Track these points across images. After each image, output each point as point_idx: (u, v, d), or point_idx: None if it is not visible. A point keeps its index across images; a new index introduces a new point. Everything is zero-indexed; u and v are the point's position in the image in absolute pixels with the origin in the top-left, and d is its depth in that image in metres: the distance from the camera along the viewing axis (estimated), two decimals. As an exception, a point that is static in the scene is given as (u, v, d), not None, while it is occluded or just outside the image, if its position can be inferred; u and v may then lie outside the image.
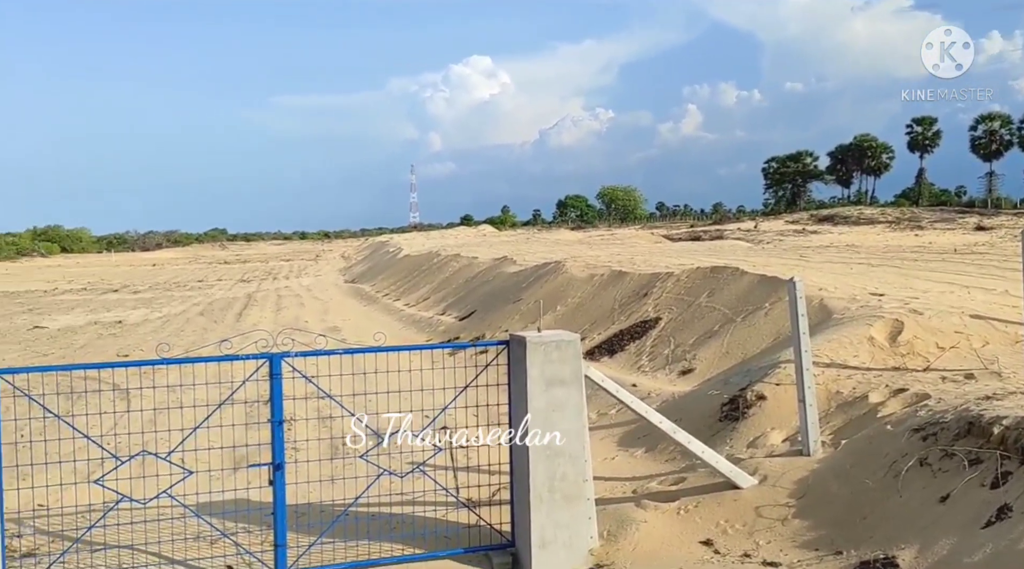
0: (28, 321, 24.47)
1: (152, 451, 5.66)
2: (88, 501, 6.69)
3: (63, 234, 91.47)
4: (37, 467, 7.26)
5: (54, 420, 6.86)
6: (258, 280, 44.04)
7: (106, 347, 18.48)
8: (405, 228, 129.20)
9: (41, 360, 16.53)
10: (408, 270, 35.30)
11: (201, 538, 6.07)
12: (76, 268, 61.51)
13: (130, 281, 44.78)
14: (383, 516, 6.42)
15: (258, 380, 5.80)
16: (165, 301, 31.26)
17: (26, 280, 46.27)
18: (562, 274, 17.84)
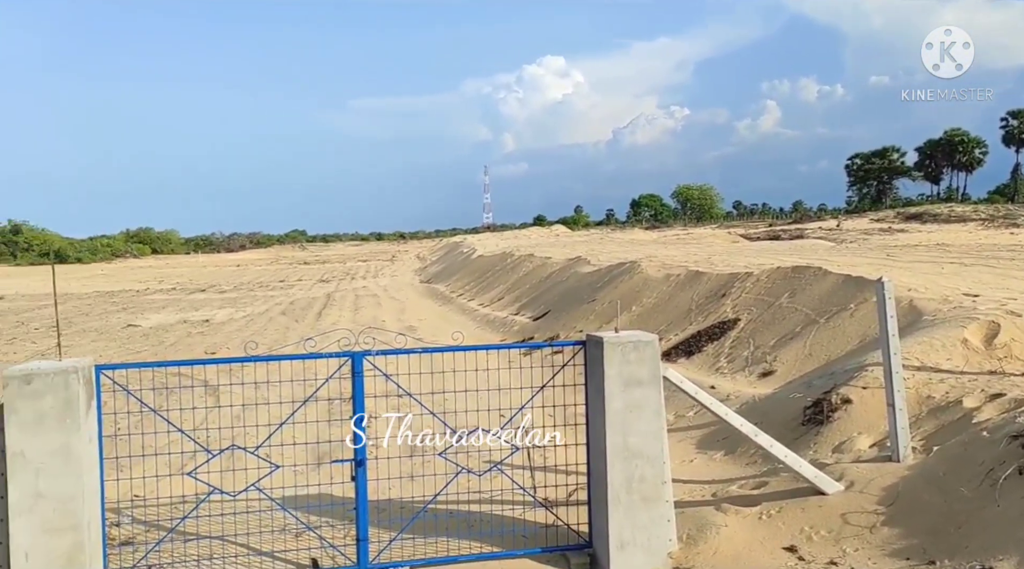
0: (123, 319, 25.65)
1: (241, 445, 5.85)
2: (180, 493, 6.98)
3: (154, 236, 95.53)
4: (134, 459, 7.61)
5: (147, 414, 7.19)
6: (336, 280, 45.08)
7: (195, 345, 19.22)
8: (478, 229, 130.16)
9: (135, 357, 17.32)
10: (482, 270, 35.55)
11: (287, 531, 6.25)
12: (166, 269, 64.20)
13: (216, 281, 46.45)
14: (461, 513, 6.48)
15: (340, 378, 5.93)
16: (249, 301, 32.31)
17: (120, 280, 48.53)
18: (637, 274, 17.67)
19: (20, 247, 72.88)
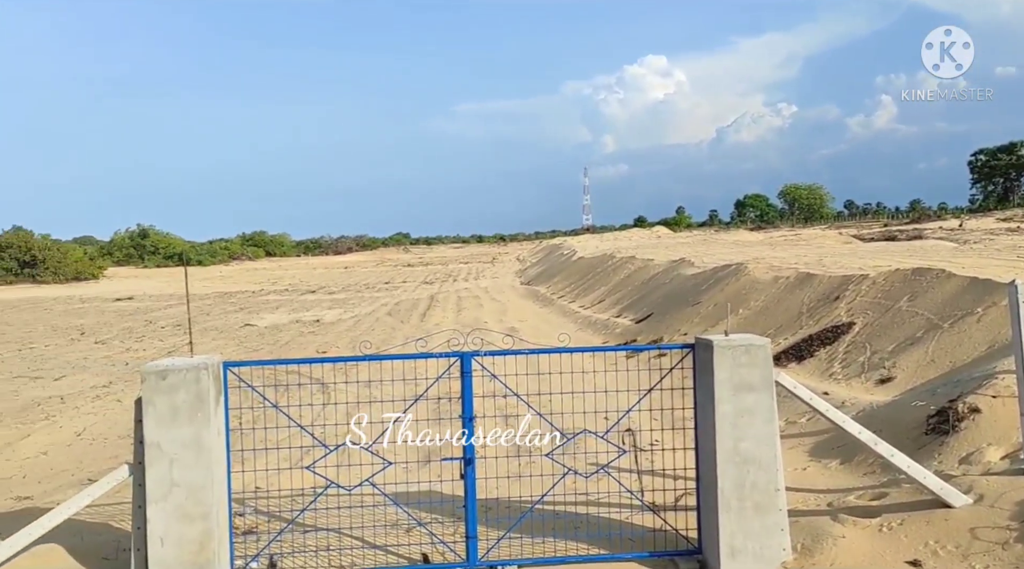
0: (240, 319, 26.96)
1: (355, 442, 6.05)
2: (299, 486, 7.28)
3: (267, 239, 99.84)
4: (256, 453, 7.99)
5: (266, 410, 7.53)
6: (439, 282, 45.93)
7: (307, 344, 20.01)
8: (578, 230, 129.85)
9: (252, 355, 18.17)
10: (582, 272, 35.46)
11: (398, 526, 6.43)
12: (278, 270, 67.03)
13: (325, 283, 48.16)
14: (568, 515, 6.50)
15: (449, 378, 6.05)
16: (356, 302, 33.34)
17: (237, 282, 50.98)
18: (744, 276, 17.23)
19: (147, 250, 77.56)
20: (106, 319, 28.92)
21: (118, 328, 25.54)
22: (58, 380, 15.55)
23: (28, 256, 56.06)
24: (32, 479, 8.68)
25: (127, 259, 75.63)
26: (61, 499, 7.43)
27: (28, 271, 55.45)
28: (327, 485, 5.88)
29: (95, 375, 16.04)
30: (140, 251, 77.56)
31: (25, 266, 55.71)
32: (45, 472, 8.97)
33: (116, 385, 14.77)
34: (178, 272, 67.14)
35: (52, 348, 20.79)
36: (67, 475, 8.75)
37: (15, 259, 55.73)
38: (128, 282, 54.71)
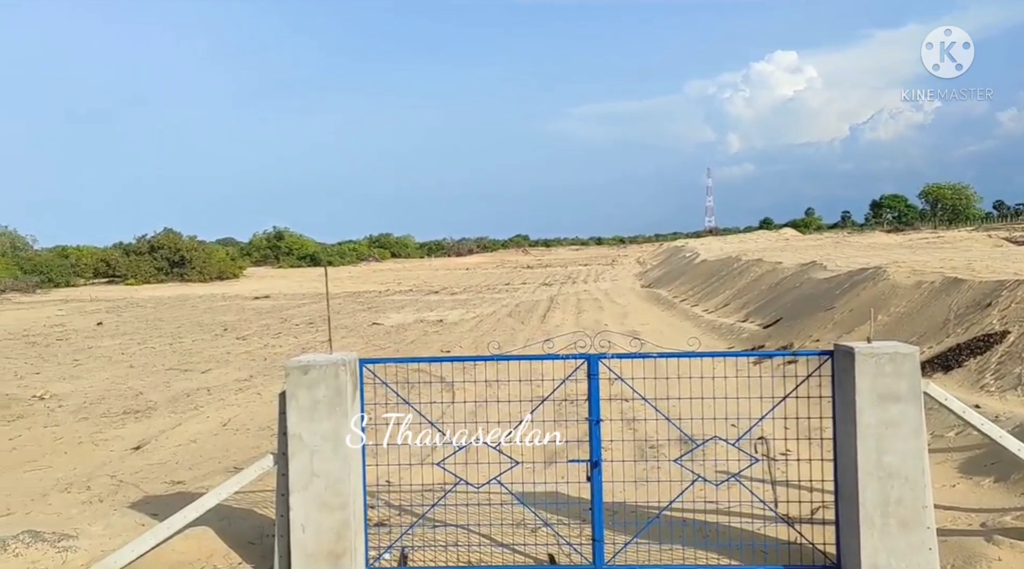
0: (367, 318, 27.93)
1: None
2: (425, 481, 7.47)
3: (392, 241, 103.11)
4: (386, 447, 8.25)
5: (394, 407, 7.77)
6: (558, 284, 46.02)
7: (431, 343, 20.51)
8: (700, 232, 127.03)
9: (380, 352, 18.78)
10: (706, 275, 34.64)
11: (523, 525, 6.48)
12: (403, 271, 69.06)
13: (447, 284, 49.22)
14: (696, 523, 6.36)
15: (576, 380, 6.05)
16: (477, 303, 33.89)
17: (365, 282, 52.87)
18: (882, 280, 16.34)
19: (282, 251, 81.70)
20: (246, 316, 30.63)
21: (257, 325, 27.00)
22: (204, 373, 16.60)
23: (177, 256, 60.20)
24: (184, 465, 9.30)
25: (264, 259, 79.93)
26: (210, 485, 7.93)
27: (177, 270, 59.55)
28: (456, 482, 6.00)
29: (237, 369, 17.02)
30: (276, 252, 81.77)
31: (174, 265, 59.86)
32: (195, 459, 9.59)
33: (256, 379, 15.62)
34: (310, 272, 70.37)
35: (198, 343, 22.21)
36: (214, 462, 9.32)
37: (166, 259, 59.97)
38: (265, 281, 57.78)
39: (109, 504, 7.62)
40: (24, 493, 8.28)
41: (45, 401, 13.83)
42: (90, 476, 8.88)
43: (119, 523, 6.82)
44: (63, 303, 40.10)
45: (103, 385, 15.34)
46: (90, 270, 61.12)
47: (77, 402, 13.68)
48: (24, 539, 6.16)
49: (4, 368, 17.99)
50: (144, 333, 25.15)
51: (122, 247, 64.07)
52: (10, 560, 5.92)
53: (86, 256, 63.87)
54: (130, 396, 14.13)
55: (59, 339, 24.02)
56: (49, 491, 8.32)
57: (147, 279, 57.85)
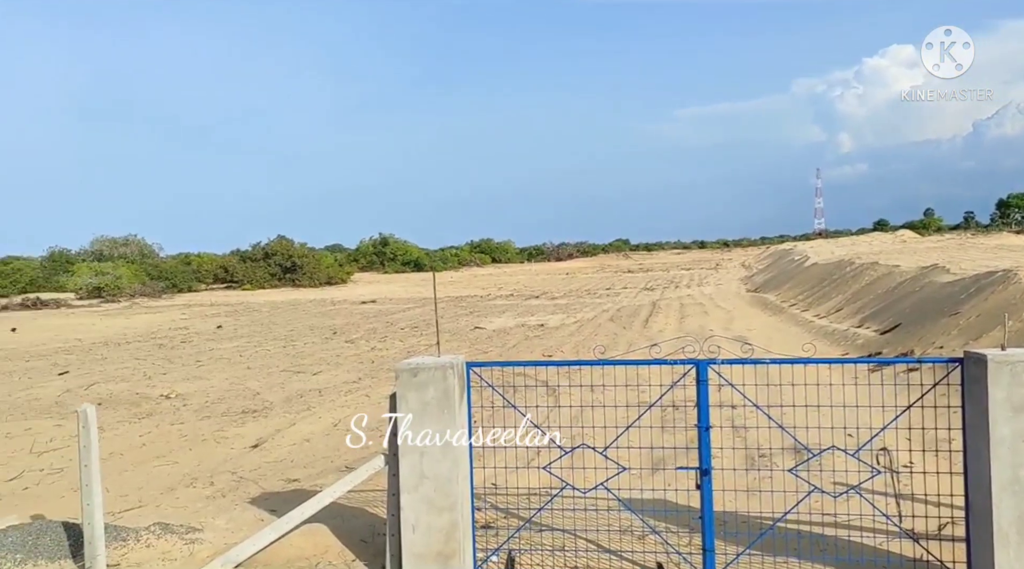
0: (469, 323, 28.29)
1: (590, 445, 6.10)
2: (530, 484, 7.50)
3: (493, 246, 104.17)
4: (489, 450, 8.33)
5: (499, 410, 7.85)
6: (660, 288, 45.35)
7: (533, 347, 20.57)
8: (809, 235, 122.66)
9: (482, 356, 18.98)
10: (816, 279, 33.38)
11: (631, 532, 6.40)
12: (503, 276, 69.64)
13: (548, 288, 49.31)
14: (812, 535, 6.12)
15: (686, 385, 5.93)
16: (578, 307, 33.79)
17: (467, 287, 53.61)
18: (1013, 284, 15.31)
19: (387, 257, 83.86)
20: (353, 320, 31.58)
21: (364, 329, 27.78)
22: (316, 375, 17.20)
23: (289, 262, 62.71)
24: (298, 463, 9.65)
25: (370, 265, 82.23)
26: (323, 483, 8.20)
27: (289, 276, 62.03)
28: (563, 486, 5.98)
29: (346, 371, 17.55)
30: (381, 258, 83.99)
31: (287, 271, 62.38)
32: (309, 458, 9.94)
33: (364, 381, 16.07)
34: (414, 277, 71.95)
35: (310, 346, 23.04)
36: (327, 462, 9.63)
37: (279, 265, 62.58)
38: (371, 286, 59.44)
39: (231, 499, 7.99)
40: (154, 487, 8.79)
41: (171, 400, 14.65)
42: (213, 472, 9.34)
43: (240, 518, 7.14)
44: (186, 307, 42.43)
45: (223, 385, 16.11)
46: (210, 276, 64.45)
47: (200, 401, 14.43)
48: (155, 530, 6.54)
49: (135, 369, 19.18)
50: (260, 336, 26.29)
51: (239, 254, 67.25)
52: (142, 550, 6.29)
53: (206, 263, 67.40)
54: (248, 396, 14.79)
55: (183, 341, 25.41)
56: (176, 485, 8.80)
57: (261, 284, 60.52)
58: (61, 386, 16.73)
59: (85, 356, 22.17)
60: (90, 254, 67.75)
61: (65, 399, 15.12)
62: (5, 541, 6.10)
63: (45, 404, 14.61)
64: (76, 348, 24.35)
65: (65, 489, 8.78)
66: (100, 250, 68.50)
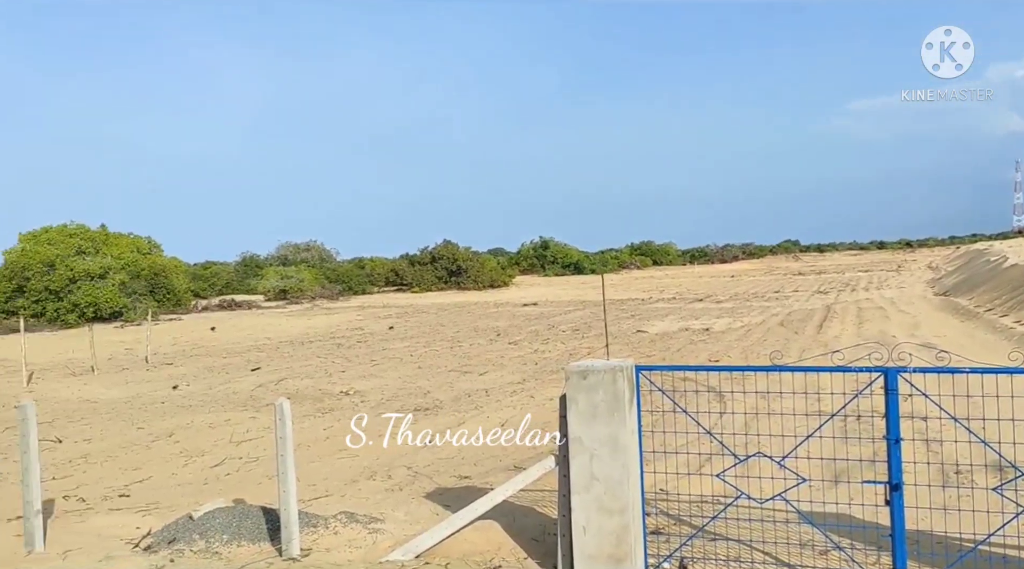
0: (631, 326, 28.04)
1: (766, 453, 5.88)
2: (701, 491, 7.33)
3: (654, 248, 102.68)
4: (657, 455, 8.22)
5: (665, 414, 7.71)
6: (835, 292, 42.94)
7: (697, 352, 20.10)
8: (1007, 233, 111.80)
9: (645, 360, 18.76)
10: (1017, 281, 30.38)
11: (811, 546, 6.11)
12: (665, 279, 68.47)
13: (712, 291, 47.97)
14: (1020, 561, 5.58)
15: (872, 394, 5.59)
16: (745, 311, 32.64)
17: (627, 290, 53.17)
18: None
19: (547, 260, 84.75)
20: (516, 322, 32.17)
21: (526, 331, 28.23)
22: (482, 375, 17.68)
23: (454, 266, 64.85)
24: (468, 461, 9.96)
25: (531, 268, 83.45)
26: (493, 481, 8.42)
27: (454, 279, 64.15)
28: (737, 495, 5.80)
29: (511, 372, 17.92)
30: (541, 261, 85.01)
31: (452, 275, 64.54)
32: (478, 456, 10.23)
33: (528, 382, 16.33)
34: (574, 280, 72.28)
35: (475, 347, 23.71)
36: (495, 460, 9.88)
37: (445, 268, 64.86)
38: (532, 289, 60.33)
39: (408, 493, 8.37)
40: (337, 478, 9.37)
41: (350, 396, 15.55)
42: (390, 466, 9.83)
43: (417, 511, 7.47)
44: (361, 309, 44.91)
45: (396, 383, 16.91)
46: (382, 279, 67.80)
47: (376, 398, 15.22)
48: (341, 519, 6.97)
49: (317, 366, 20.53)
50: (428, 337, 27.36)
51: (408, 258, 70.28)
52: (330, 536, 6.72)
53: (378, 266, 70.95)
54: (419, 394, 15.43)
55: (359, 341, 26.91)
56: (358, 477, 9.33)
57: (429, 287, 62.97)
58: (254, 381, 18.20)
59: (273, 354, 23.99)
60: (276, 259, 73.21)
61: (258, 393, 16.44)
62: (214, 522, 6.72)
63: (241, 398, 15.95)
64: (266, 346, 26.40)
65: (261, 476, 9.54)
66: (285, 255, 73.85)
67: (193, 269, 62.44)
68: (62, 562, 6.43)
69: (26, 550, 6.74)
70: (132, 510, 8.11)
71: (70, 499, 8.74)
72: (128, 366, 22.22)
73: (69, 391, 17.81)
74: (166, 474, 10.03)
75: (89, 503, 8.58)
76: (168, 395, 16.76)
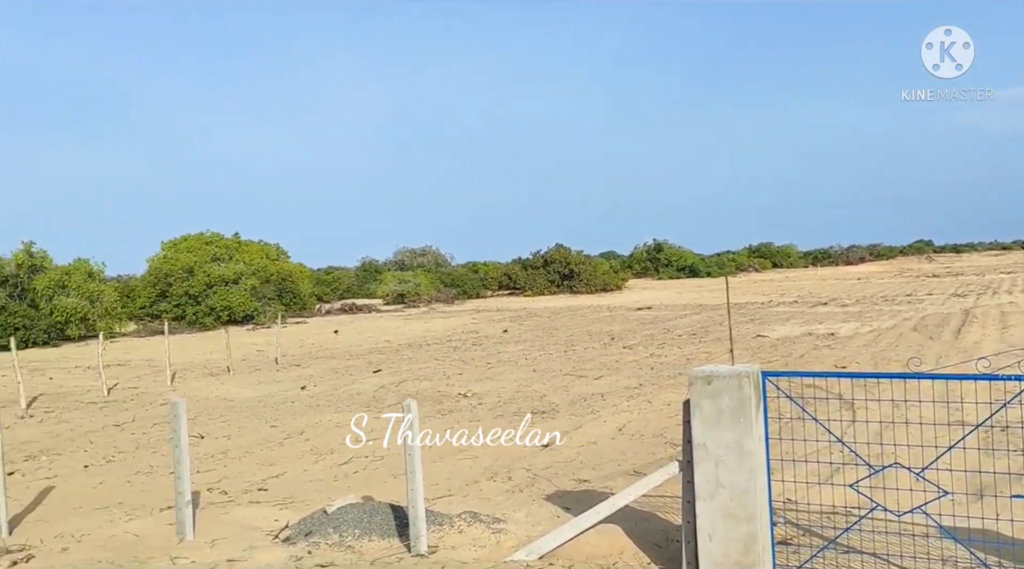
0: (750, 330, 27.27)
1: (904, 464, 5.63)
2: (832, 502, 7.07)
3: (773, 250, 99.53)
4: (783, 463, 7.98)
5: (788, 422, 7.48)
6: (974, 295, 40.33)
7: (822, 358, 19.34)
8: None
9: (766, 366, 18.21)
10: None
11: (952, 563, 5.79)
12: (785, 282, 66.16)
13: (837, 295, 46.00)
14: None
15: (1021, 404, 5.25)
16: (873, 315, 31.14)
17: (745, 293, 51.73)
18: None
19: (661, 263, 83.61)
20: (630, 326, 31.89)
21: (641, 335, 27.95)
22: (597, 379, 17.65)
23: (567, 269, 64.97)
24: (587, 465, 9.98)
25: (644, 271, 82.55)
26: (613, 485, 8.42)
27: (566, 283, 64.27)
28: (872, 506, 5.58)
29: (627, 377, 17.79)
30: (655, 264, 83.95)
31: (564, 278, 64.68)
32: (596, 460, 10.24)
33: (645, 387, 16.18)
34: (688, 283, 70.98)
35: (589, 351, 23.68)
36: (614, 465, 9.85)
37: (557, 272, 65.08)
38: (645, 292, 59.62)
39: (527, 494, 8.48)
40: (459, 478, 9.59)
41: (468, 398, 15.86)
42: (510, 468, 9.97)
43: (538, 513, 7.56)
44: (475, 312, 45.68)
45: (512, 387, 17.12)
46: (495, 283, 68.72)
47: (493, 401, 15.46)
48: (465, 518, 7.14)
49: (435, 368, 21.05)
50: (542, 340, 27.53)
51: (520, 262, 70.94)
52: (456, 535, 6.90)
53: (491, 271, 71.95)
54: (535, 398, 15.57)
55: (474, 344, 27.38)
56: (479, 478, 9.52)
57: (541, 291, 63.33)
58: (376, 383, 18.84)
59: (393, 356, 24.76)
60: (394, 264, 75.55)
61: (380, 394, 17.02)
62: (346, 517, 7.03)
63: (365, 399, 16.55)
64: (386, 349, 27.28)
65: (386, 475, 9.89)
66: (402, 260, 76.09)
67: (317, 274, 65.34)
68: (211, 550, 6.89)
69: (178, 538, 7.26)
70: (270, 503, 8.58)
71: (213, 492, 9.33)
72: (260, 367, 23.46)
73: (208, 390, 18.99)
74: (298, 470, 10.54)
75: (231, 496, 9.14)
76: (297, 395, 17.59)
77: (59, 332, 35.54)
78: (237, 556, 6.69)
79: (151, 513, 8.34)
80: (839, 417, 11.12)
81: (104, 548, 7.17)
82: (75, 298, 36.03)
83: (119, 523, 7.99)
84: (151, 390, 19.40)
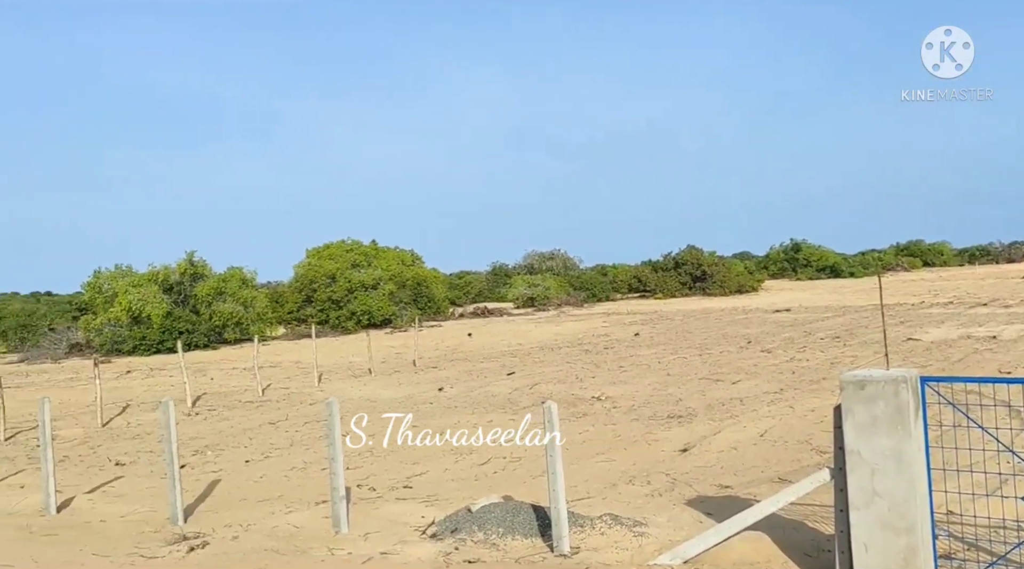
0: (901, 333, 25.75)
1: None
2: (1004, 516, 6.61)
3: (924, 248, 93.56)
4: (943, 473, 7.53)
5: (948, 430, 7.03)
6: None
7: (984, 362, 18.02)
8: None
9: (922, 371, 17.16)
10: None
11: None
12: (939, 281, 61.95)
13: (998, 295, 42.67)
14: None
15: None
16: (1043, 316, 28.70)
17: (893, 293, 48.84)
18: None
19: (799, 263, 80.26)
20: (767, 329, 30.84)
21: (779, 338, 26.97)
22: (735, 383, 17.20)
23: (699, 271, 63.55)
24: (728, 470, 9.77)
25: (781, 272, 79.53)
26: (756, 492, 8.21)
27: (699, 284, 62.87)
28: (1050, 522, 5.18)
29: (766, 381, 17.24)
30: (793, 264, 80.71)
31: (696, 280, 63.30)
32: (737, 465, 10.00)
33: (786, 392, 15.62)
34: (829, 284, 67.78)
35: (725, 354, 23.09)
36: (757, 471, 9.60)
37: (689, 274, 63.78)
38: (783, 294, 57.41)
39: (668, 498, 8.41)
40: (597, 481, 9.63)
41: (601, 402, 15.85)
42: (648, 472, 9.91)
43: (680, 517, 7.49)
44: (605, 315, 45.48)
45: (646, 390, 16.96)
46: (625, 286, 68.12)
47: (627, 404, 15.38)
48: (606, 520, 7.17)
49: (567, 371, 21.15)
50: (675, 344, 27.08)
51: (651, 264, 69.98)
52: (597, 537, 6.95)
53: (621, 273, 71.35)
54: (671, 402, 15.36)
55: (605, 347, 27.29)
56: (617, 481, 9.52)
57: (672, 293, 62.23)
58: (509, 385, 19.15)
59: (525, 359, 25.07)
60: (523, 268, 76.33)
61: (514, 397, 17.29)
62: (490, 516, 7.23)
63: (500, 401, 16.87)
64: (518, 352, 27.65)
65: (525, 476, 10.06)
66: (531, 264, 76.77)
67: (449, 279, 67.04)
68: (364, 543, 7.26)
69: (334, 530, 7.69)
70: (416, 501, 8.93)
71: (363, 488, 9.80)
72: (399, 369, 24.35)
73: (352, 390, 19.91)
74: (440, 469, 10.89)
75: (379, 492, 9.56)
76: (435, 396, 18.15)
77: (218, 335, 38.27)
78: (389, 549, 7.01)
79: (308, 506, 8.86)
80: (1006, 425, 10.36)
81: (270, 537, 7.70)
82: (231, 304, 38.67)
83: (280, 515, 8.54)
84: (301, 390, 20.56)
